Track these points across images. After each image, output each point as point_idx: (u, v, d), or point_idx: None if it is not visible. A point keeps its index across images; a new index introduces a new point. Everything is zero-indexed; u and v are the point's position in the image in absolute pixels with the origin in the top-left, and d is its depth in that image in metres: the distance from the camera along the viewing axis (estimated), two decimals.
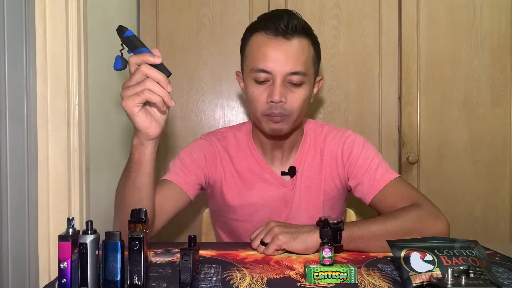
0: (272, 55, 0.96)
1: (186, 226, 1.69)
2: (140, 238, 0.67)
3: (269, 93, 0.96)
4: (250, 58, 1.00)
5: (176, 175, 1.06)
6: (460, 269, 0.66)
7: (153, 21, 1.67)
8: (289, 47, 0.96)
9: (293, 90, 0.97)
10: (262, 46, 0.97)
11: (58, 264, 0.65)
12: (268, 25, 0.97)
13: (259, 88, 0.98)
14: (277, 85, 0.95)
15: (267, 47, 0.96)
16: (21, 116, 0.97)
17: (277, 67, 0.95)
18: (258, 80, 0.98)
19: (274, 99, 0.95)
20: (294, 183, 1.09)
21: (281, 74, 0.95)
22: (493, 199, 1.71)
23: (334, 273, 0.72)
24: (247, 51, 1.03)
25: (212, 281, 0.74)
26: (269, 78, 0.97)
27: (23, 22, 0.98)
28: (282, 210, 1.09)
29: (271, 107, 0.97)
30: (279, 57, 0.95)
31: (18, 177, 0.96)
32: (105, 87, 1.31)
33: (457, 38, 1.69)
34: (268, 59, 0.96)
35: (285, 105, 0.97)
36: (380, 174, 1.04)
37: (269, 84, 0.97)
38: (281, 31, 0.96)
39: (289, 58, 0.95)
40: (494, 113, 1.70)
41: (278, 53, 0.95)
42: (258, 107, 0.99)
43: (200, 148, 1.11)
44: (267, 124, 1.00)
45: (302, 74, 0.96)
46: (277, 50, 0.96)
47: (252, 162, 1.10)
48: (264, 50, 0.97)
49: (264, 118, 0.99)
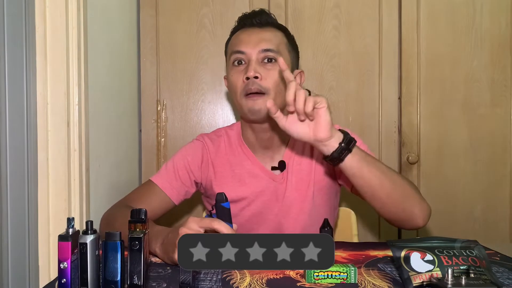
0: (246, 39, 1.07)
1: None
2: (140, 238, 0.67)
3: (245, 72, 1.04)
4: (229, 49, 1.11)
5: (163, 180, 1.12)
6: (460, 269, 0.66)
7: (153, 21, 1.67)
8: (262, 32, 1.08)
9: (267, 68, 1.04)
10: (239, 35, 1.10)
11: (58, 264, 0.65)
12: (245, 21, 1.11)
13: (237, 70, 1.07)
14: (251, 63, 1.04)
15: (242, 34, 1.09)
16: (21, 116, 0.97)
17: (250, 47, 1.05)
18: (236, 61, 1.07)
19: (249, 75, 1.02)
20: (284, 177, 1.11)
21: (255, 52, 1.04)
22: (493, 199, 1.70)
23: (334, 273, 0.72)
24: (228, 48, 1.13)
25: (212, 281, 0.74)
26: (244, 59, 1.06)
27: (23, 22, 0.98)
28: (273, 204, 1.11)
29: (248, 84, 1.02)
30: (252, 39, 1.06)
31: (18, 177, 0.96)
32: (105, 87, 1.31)
33: (457, 38, 1.69)
34: (242, 42, 1.07)
35: (260, 81, 1.03)
36: None
37: (245, 65, 1.06)
38: (256, 23, 1.09)
39: (261, 39, 1.06)
40: (494, 113, 1.70)
41: (252, 36, 1.07)
42: (237, 87, 1.06)
43: (193, 151, 1.16)
44: (246, 105, 1.04)
45: (274, 52, 1.05)
46: (251, 34, 1.08)
47: (242, 158, 1.13)
48: (240, 37, 1.09)
49: (243, 100, 1.05)
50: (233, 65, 1.08)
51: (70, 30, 1.05)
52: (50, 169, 1.04)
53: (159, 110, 1.68)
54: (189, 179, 1.14)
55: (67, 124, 1.05)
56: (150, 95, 1.68)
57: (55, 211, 1.04)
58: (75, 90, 1.07)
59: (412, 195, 0.95)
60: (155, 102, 1.68)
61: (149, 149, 1.68)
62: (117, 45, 1.46)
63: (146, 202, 1.06)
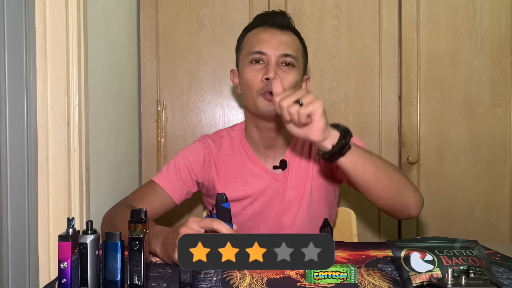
0: (268, 40, 1.07)
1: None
2: (140, 238, 0.67)
3: (265, 72, 1.04)
4: (247, 46, 1.10)
5: (165, 180, 1.12)
6: (460, 269, 0.66)
7: (153, 21, 1.67)
8: (283, 36, 1.08)
9: (285, 71, 1.06)
10: (259, 33, 1.09)
11: (58, 264, 0.65)
12: (266, 19, 1.10)
13: (255, 68, 1.06)
14: (271, 64, 1.05)
15: (264, 34, 1.08)
16: (21, 116, 0.97)
17: (272, 49, 1.05)
18: (254, 60, 1.07)
19: (270, 76, 1.02)
20: (285, 176, 1.12)
21: (275, 55, 1.05)
22: (493, 199, 1.71)
23: (334, 273, 0.72)
24: (244, 43, 1.13)
25: (212, 281, 0.74)
26: (264, 59, 1.06)
27: (23, 22, 0.97)
28: (274, 202, 1.12)
29: (267, 84, 1.03)
30: (274, 42, 1.06)
31: (18, 177, 0.96)
32: (105, 87, 1.30)
33: (457, 38, 1.69)
34: (264, 42, 1.07)
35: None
36: None
37: (264, 65, 1.06)
38: (277, 24, 1.09)
39: (282, 43, 1.07)
40: (494, 113, 1.70)
41: (273, 38, 1.07)
42: (254, 86, 1.06)
43: (195, 152, 1.16)
44: (262, 103, 1.05)
45: (293, 57, 1.07)
46: (272, 36, 1.07)
47: (244, 158, 1.14)
48: (260, 36, 1.08)
49: (260, 98, 1.05)
50: (250, 63, 1.07)
51: (70, 30, 1.05)
52: (50, 169, 1.04)
53: (159, 110, 1.68)
54: (190, 179, 1.14)
55: (67, 124, 1.05)
56: (150, 95, 1.68)
57: (55, 211, 1.04)
58: (75, 90, 1.07)
59: (406, 187, 0.97)
60: (155, 102, 1.68)
61: (149, 149, 1.68)
62: (117, 45, 1.46)
63: (147, 202, 1.07)
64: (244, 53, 1.11)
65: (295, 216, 1.12)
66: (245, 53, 1.10)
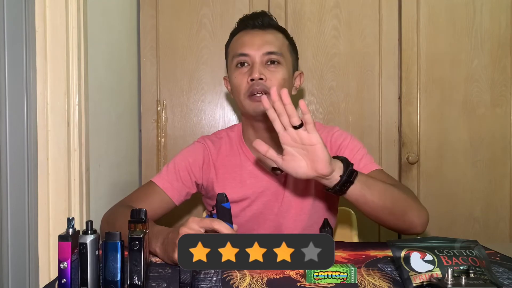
0: (250, 41, 1.08)
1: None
2: (140, 238, 0.67)
3: (250, 73, 1.06)
4: (232, 51, 1.11)
5: (165, 181, 1.12)
6: (460, 269, 0.66)
7: (153, 21, 1.67)
8: (265, 35, 1.09)
9: (271, 70, 1.07)
10: (242, 37, 1.11)
11: (58, 264, 0.65)
12: (247, 22, 1.12)
13: (241, 72, 1.08)
14: (256, 65, 1.06)
15: (246, 36, 1.10)
16: (21, 116, 0.97)
17: (254, 50, 1.07)
18: (240, 63, 1.08)
19: (254, 76, 1.04)
20: (285, 177, 1.12)
21: (259, 55, 1.06)
22: (493, 199, 1.70)
23: (334, 273, 0.72)
24: (229, 49, 1.14)
25: (212, 281, 0.74)
26: (248, 61, 1.07)
27: (23, 22, 0.98)
28: (273, 204, 1.12)
29: (253, 85, 1.04)
30: (256, 42, 1.07)
31: (18, 177, 0.96)
32: (105, 87, 1.31)
33: (457, 38, 1.69)
34: (246, 45, 1.08)
35: (265, 82, 1.05)
36: (363, 164, 1.08)
37: (249, 67, 1.07)
38: (258, 25, 1.10)
39: (264, 42, 1.07)
40: (494, 113, 1.70)
41: (255, 39, 1.08)
42: (241, 89, 1.07)
43: (195, 153, 1.16)
44: (250, 105, 1.06)
45: (278, 54, 1.07)
46: (254, 37, 1.09)
47: (243, 159, 1.14)
48: (243, 39, 1.10)
49: (247, 100, 1.06)
50: (236, 67, 1.09)
51: (70, 30, 1.05)
52: (50, 169, 1.04)
53: (159, 110, 1.68)
54: (190, 180, 1.14)
55: (67, 124, 1.05)
56: (150, 95, 1.68)
57: (55, 211, 1.04)
58: (75, 90, 1.07)
59: (411, 206, 0.96)
60: (155, 102, 1.68)
61: (149, 149, 1.68)
62: (117, 45, 1.46)
63: (147, 202, 1.07)
64: (230, 58, 1.13)
65: (295, 219, 1.11)
66: (231, 58, 1.11)
